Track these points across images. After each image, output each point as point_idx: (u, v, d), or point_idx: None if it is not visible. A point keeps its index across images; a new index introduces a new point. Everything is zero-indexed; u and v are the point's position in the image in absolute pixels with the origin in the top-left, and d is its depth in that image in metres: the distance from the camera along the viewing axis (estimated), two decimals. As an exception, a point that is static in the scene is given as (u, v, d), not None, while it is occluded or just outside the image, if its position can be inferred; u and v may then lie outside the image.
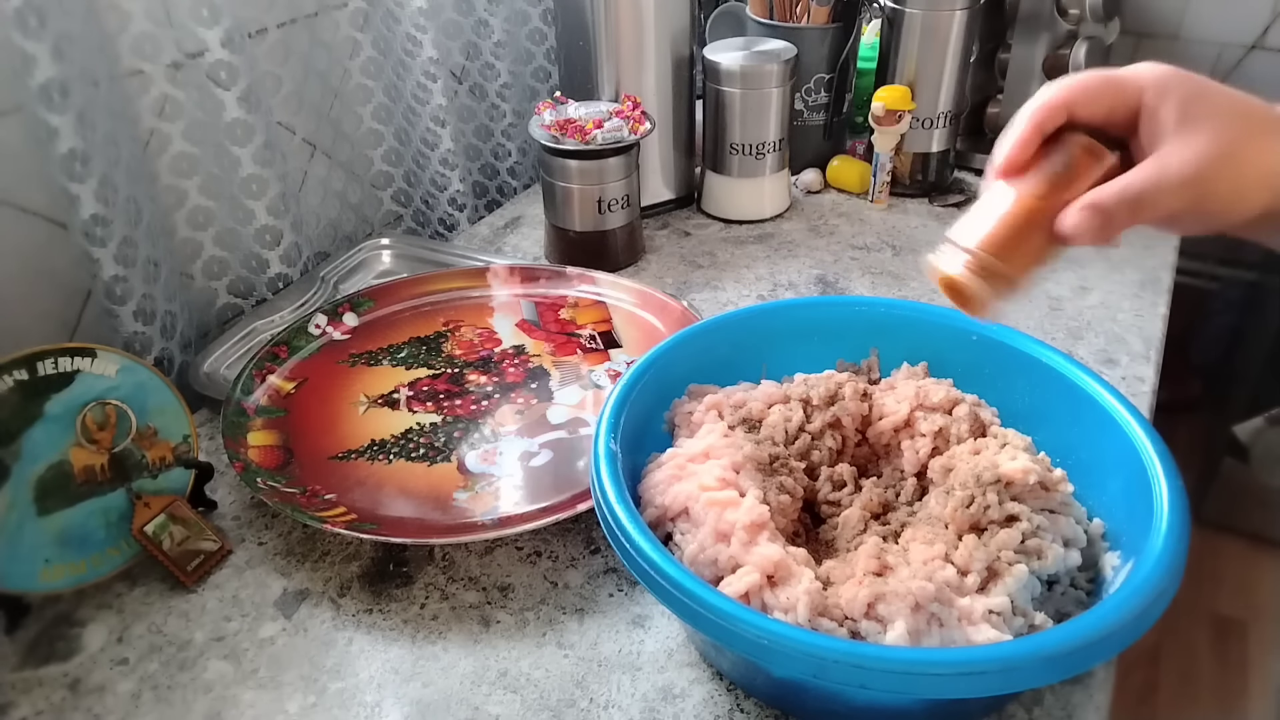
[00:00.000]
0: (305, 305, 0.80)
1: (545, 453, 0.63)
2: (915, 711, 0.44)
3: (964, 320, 0.57)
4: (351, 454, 0.63)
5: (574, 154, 0.81)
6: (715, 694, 0.48)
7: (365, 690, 0.49)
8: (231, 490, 0.62)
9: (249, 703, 0.48)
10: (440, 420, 0.66)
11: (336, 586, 0.55)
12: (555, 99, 0.86)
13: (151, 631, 0.53)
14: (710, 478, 0.47)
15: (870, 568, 0.44)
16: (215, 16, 0.69)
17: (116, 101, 0.66)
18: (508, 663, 0.50)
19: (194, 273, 0.78)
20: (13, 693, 0.49)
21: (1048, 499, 0.47)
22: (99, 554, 0.54)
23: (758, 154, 0.92)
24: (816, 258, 0.88)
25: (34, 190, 0.64)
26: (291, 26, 0.82)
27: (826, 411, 0.53)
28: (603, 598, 0.54)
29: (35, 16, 0.56)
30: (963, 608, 0.41)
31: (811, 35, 0.96)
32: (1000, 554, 0.43)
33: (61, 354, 0.54)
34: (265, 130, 0.76)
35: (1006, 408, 0.54)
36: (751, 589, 0.42)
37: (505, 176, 1.09)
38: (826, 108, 1.01)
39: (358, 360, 0.72)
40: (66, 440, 0.54)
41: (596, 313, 0.77)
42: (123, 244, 0.64)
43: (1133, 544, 0.44)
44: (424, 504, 0.58)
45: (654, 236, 0.94)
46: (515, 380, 0.70)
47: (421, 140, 0.95)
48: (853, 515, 0.49)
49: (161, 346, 0.70)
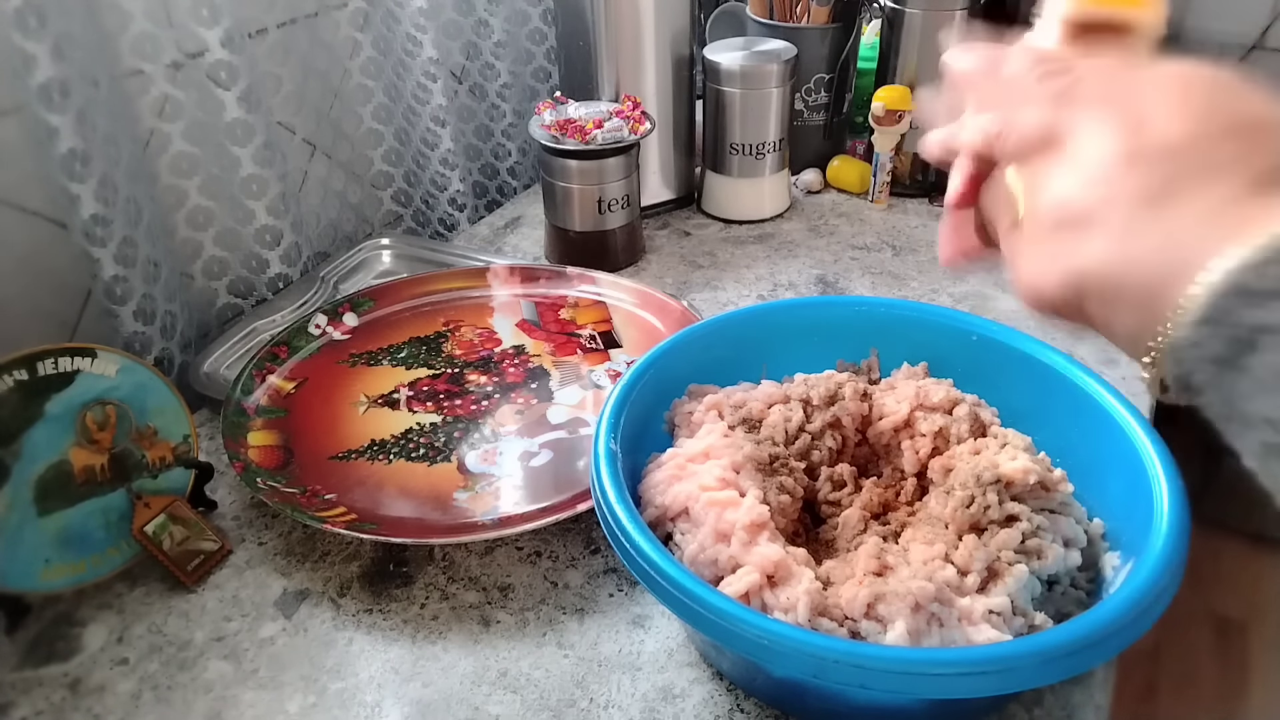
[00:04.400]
0: (305, 305, 0.80)
1: (545, 453, 0.63)
2: (915, 711, 0.44)
3: (964, 320, 0.57)
4: (351, 454, 0.63)
5: (574, 154, 0.81)
6: (715, 694, 0.48)
7: (365, 690, 0.49)
8: (231, 490, 0.62)
9: (249, 703, 0.48)
10: (440, 420, 0.66)
11: (336, 586, 0.55)
12: (555, 99, 0.86)
13: (151, 631, 0.53)
14: (710, 478, 0.47)
15: (870, 568, 0.44)
16: (215, 16, 0.69)
17: (116, 101, 0.66)
18: (508, 663, 0.50)
19: (194, 273, 0.78)
20: (13, 693, 0.49)
21: (1048, 499, 0.47)
22: (99, 554, 0.54)
23: (758, 154, 0.92)
24: (816, 258, 0.88)
25: (34, 190, 0.64)
26: (291, 26, 0.82)
27: (826, 411, 0.53)
28: (603, 598, 0.54)
29: (35, 16, 0.56)
30: (963, 608, 0.41)
31: (811, 35, 0.96)
32: (1000, 554, 0.43)
33: (61, 354, 0.54)
34: (265, 130, 0.76)
35: (1006, 408, 0.54)
36: (751, 589, 0.42)
37: (505, 176, 1.09)
38: (826, 108, 1.01)
39: (358, 360, 0.72)
40: (66, 440, 0.54)
41: (596, 313, 0.77)
42: (123, 244, 0.64)
43: (1133, 544, 0.44)
44: (424, 504, 0.58)
45: (654, 236, 0.94)
46: (515, 380, 0.70)
47: (421, 140, 0.95)
48: (853, 515, 0.49)
49: (161, 346, 0.70)
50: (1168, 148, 0.27)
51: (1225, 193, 0.26)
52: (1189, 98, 0.28)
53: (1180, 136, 0.27)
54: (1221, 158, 0.26)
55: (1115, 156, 0.28)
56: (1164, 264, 0.26)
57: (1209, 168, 0.26)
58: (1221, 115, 0.27)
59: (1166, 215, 0.27)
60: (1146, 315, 0.27)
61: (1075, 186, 0.29)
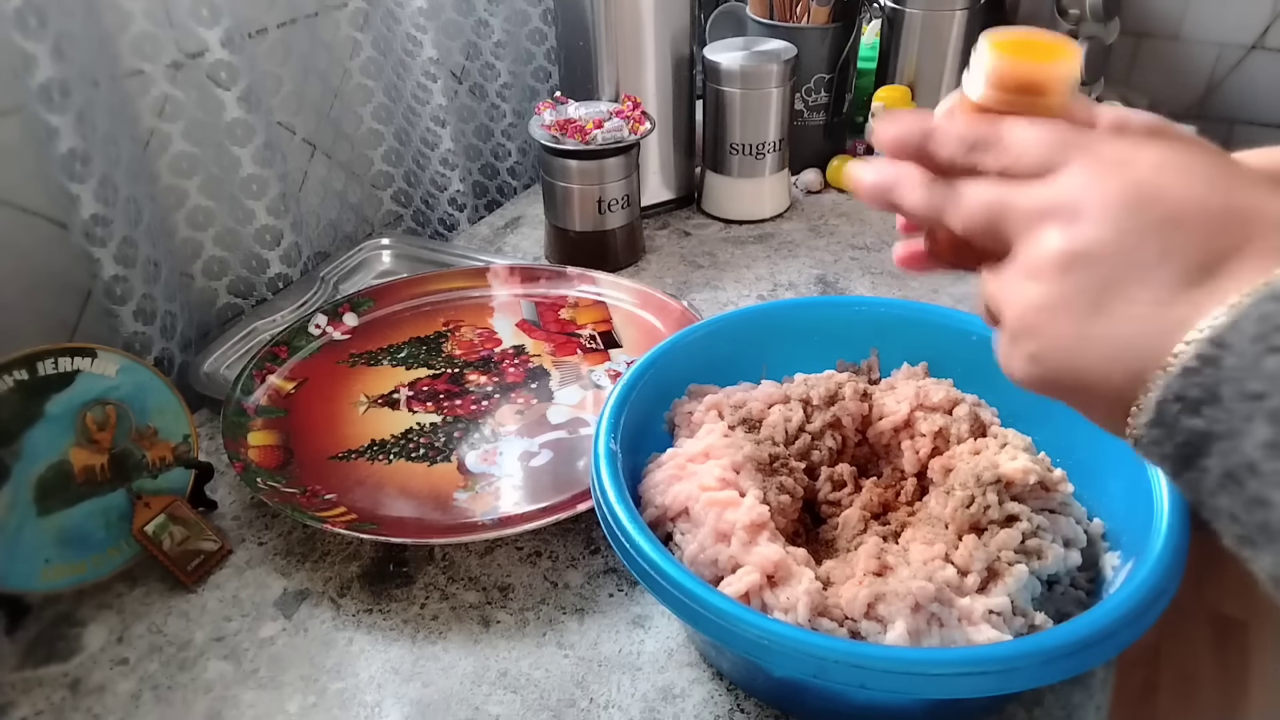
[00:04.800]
0: (305, 305, 0.80)
1: (545, 453, 0.63)
2: (915, 711, 0.44)
3: (964, 320, 0.57)
4: (351, 454, 0.63)
5: (574, 154, 0.81)
6: (715, 694, 0.48)
7: (365, 690, 0.49)
8: (231, 490, 0.62)
9: (249, 703, 0.48)
10: (440, 420, 0.66)
11: (336, 586, 0.55)
12: (555, 99, 0.86)
13: (151, 631, 0.53)
14: (710, 478, 0.47)
15: (870, 568, 0.44)
16: (215, 16, 0.69)
17: (116, 101, 0.66)
18: (508, 663, 0.50)
19: (194, 273, 0.78)
20: (13, 693, 0.49)
21: (1048, 499, 0.47)
22: (99, 554, 0.54)
23: (758, 154, 0.92)
24: (816, 258, 0.88)
25: (34, 190, 0.64)
26: (291, 26, 0.82)
27: (826, 411, 0.53)
28: (603, 598, 0.54)
29: (35, 16, 0.56)
30: (963, 608, 0.41)
31: (811, 35, 0.96)
32: (1000, 554, 0.43)
33: (61, 354, 0.54)
34: (265, 130, 0.76)
35: (1006, 408, 0.54)
36: (751, 589, 0.42)
37: (505, 176, 1.09)
38: (826, 108, 1.01)
39: (358, 360, 0.72)
40: (66, 440, 0.54)
41: (596, 313, 0.77)
42: (123, 244, 0.64)
43: (1133, 544, 0.44)
44: (424, 504, 0.58)
45: (654, 236, 0.94)
46: (515, 380, 0.70)
47: (421, 140, 0.95)
48: (853, 515, 0.49)
49: (161, 346, 0.70)
50: (1100, 247, 0.27)
51: (1154, 294, 0.26)
52: (1120, 187, 0.27)
53: (1109, 236, 0.27)
54: (1147, 256, 0.26)
55: (1057, 259, 0.28)
56: (1116, 372, 0.27)
57: (1138, 267, 0.27)
58: (1144, 210, 0.27)
59: (1108, 323, 0.27)
60: (1113, 417, 0.28)
61: (1025, 299, 0.29)
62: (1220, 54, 1.25)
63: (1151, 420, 0.26)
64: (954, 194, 0.32)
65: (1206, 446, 0.25)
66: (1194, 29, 1.25)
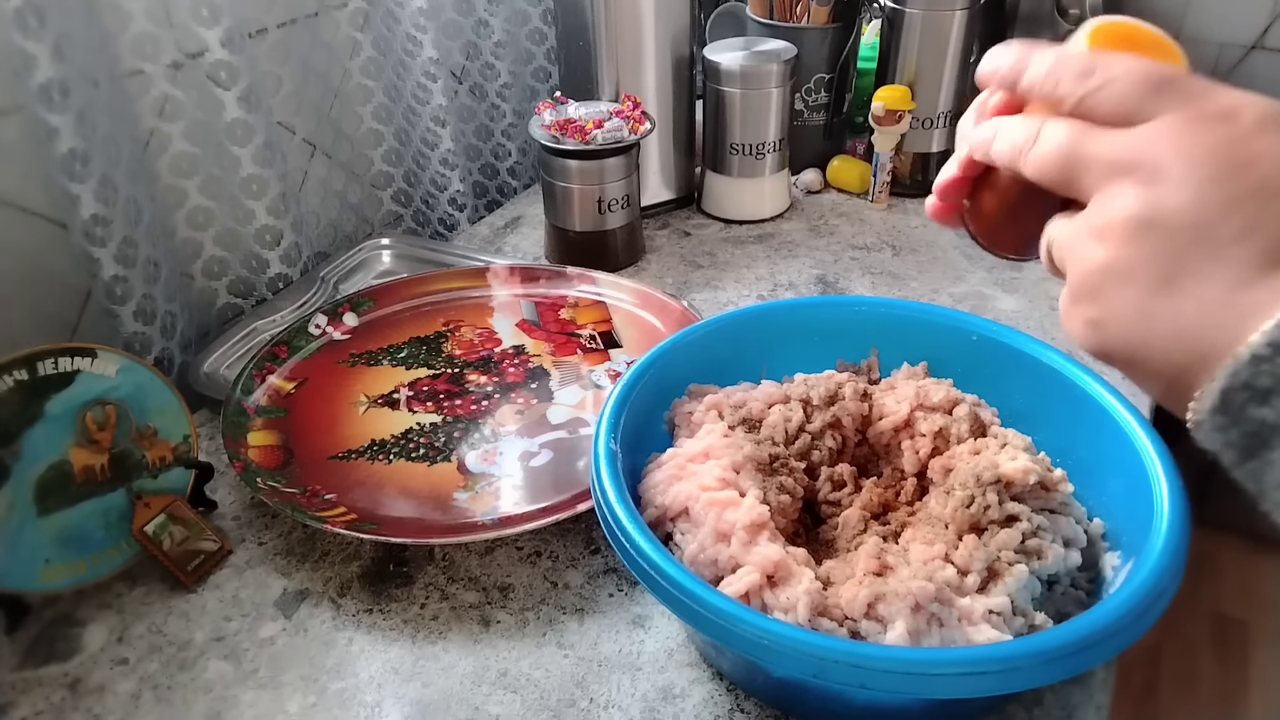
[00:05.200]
0: (305, 305, 0.80)
1: (545, 453, 0.63)
2: (915, 711, 0.44)
3: (964, 320, 0.57)
4: (351, 454, 0.63)
5: (574, 154, 0.81)
6: (715, 694, 0.48)
7: (365, 690, 0.49)
8: (231, 490, 0.62)
9: (249, 703, 0.48)
10: (440, 420, 0.66)
11: (336, 586, 0.55)
12: (555, 99, 0.86)
13: (151, 631, 0.53)
14: (710, 478, 0.47)
15: (870, 568, 0.44)
16: (215, 16, 0.69)
17: (116, 101, 0.66)
18: (508, 663, 0.50)
19: (194, 273, 0.78)
20: (13, 693, 0.49)
21: (1048, 499, 0.47)
22: (99, 554, 0.54)
23: (758, 154, 0.92)
24: (816, 258, 0.88)
25: (34, 190, 0.64)
26: (291, 26, 0.82)
27: (826, 411, 0.53)
28: (603, 598, 0.54)
29: (35, 16, 0.56)
30: (963, 608, 0.41)
31: (811, 35, 0.96)
32: (1000, 554, 0.43)
33: (61, 354, 0.54)
34: (265, 130, 0.76)
35: (1006, 408, 0.54)
36: (751, 589, 0.42)
37: (505, 176, 1.09)
38: (826, 108, 1.01)
39: (358, 360, 0.72)
40: (66, 440, 0.54)
41: (596, 313, 0.77)
42: (123, 244, 0.64)
43: (1133, 544, 0.44)
44: (424, 504, 0.58)
45: (654, 236, 0.94)
46: (515, 380, 0.70)
47: (421, 140, 0.95)
48: (853, 515, 0.49)
49: (161, 346, 0.70)
50: (1177, 217, 0.26)
51: (1231, 274, 0.25)
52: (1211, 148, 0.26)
53: (1188, 205, 0.25)
54: (1229, 232, 0.25)
55: (1127, 224, 0.26)
56: (1178, 353, 0.26)
57: (1216, 244, 0.25)
58: (1234, 177, 0.25)
59: (1176, 302, 0.26)
60: (1171, 395, 0.27)
61: (1090, 260, 0.28)
62: (1220, 54, 1.25)
63: (1215, 407, 0.25)
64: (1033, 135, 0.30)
65: (1274, 438, 0.24)
66: (1194, 29, 1.25)
